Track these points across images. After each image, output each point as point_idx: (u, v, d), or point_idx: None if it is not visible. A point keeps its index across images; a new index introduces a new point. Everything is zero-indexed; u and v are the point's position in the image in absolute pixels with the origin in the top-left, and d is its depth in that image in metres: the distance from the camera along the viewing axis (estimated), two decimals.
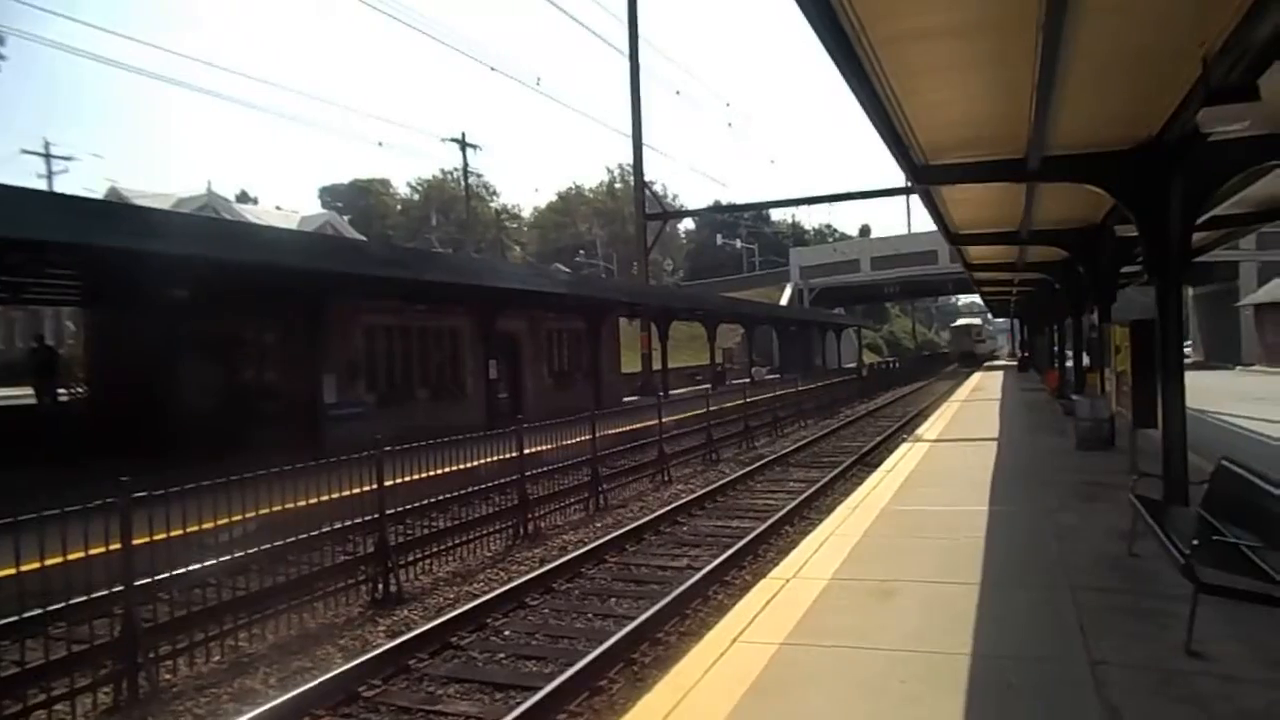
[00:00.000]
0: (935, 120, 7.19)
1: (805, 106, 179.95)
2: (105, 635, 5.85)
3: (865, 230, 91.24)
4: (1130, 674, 4.09)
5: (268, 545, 7.05)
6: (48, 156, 41.89)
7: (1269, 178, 9.08)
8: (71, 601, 5.67)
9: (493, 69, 55.71)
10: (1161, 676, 4.06)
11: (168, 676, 5.95)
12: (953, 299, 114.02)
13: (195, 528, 6.32)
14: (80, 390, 20.18)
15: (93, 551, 5.64)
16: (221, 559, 6.62)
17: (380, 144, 74.41)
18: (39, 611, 5.65)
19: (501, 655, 6.26)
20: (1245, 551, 4.65)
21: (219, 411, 14.56)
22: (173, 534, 6.14)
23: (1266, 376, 29.99)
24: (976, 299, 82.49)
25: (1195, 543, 4.52)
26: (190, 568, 6.39)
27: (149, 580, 5.98)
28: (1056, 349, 24.60)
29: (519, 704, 5.07)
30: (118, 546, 5.73)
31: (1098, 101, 6.52)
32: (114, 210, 13.56)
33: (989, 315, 70.79)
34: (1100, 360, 14.21)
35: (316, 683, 5.45)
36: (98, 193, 44.26)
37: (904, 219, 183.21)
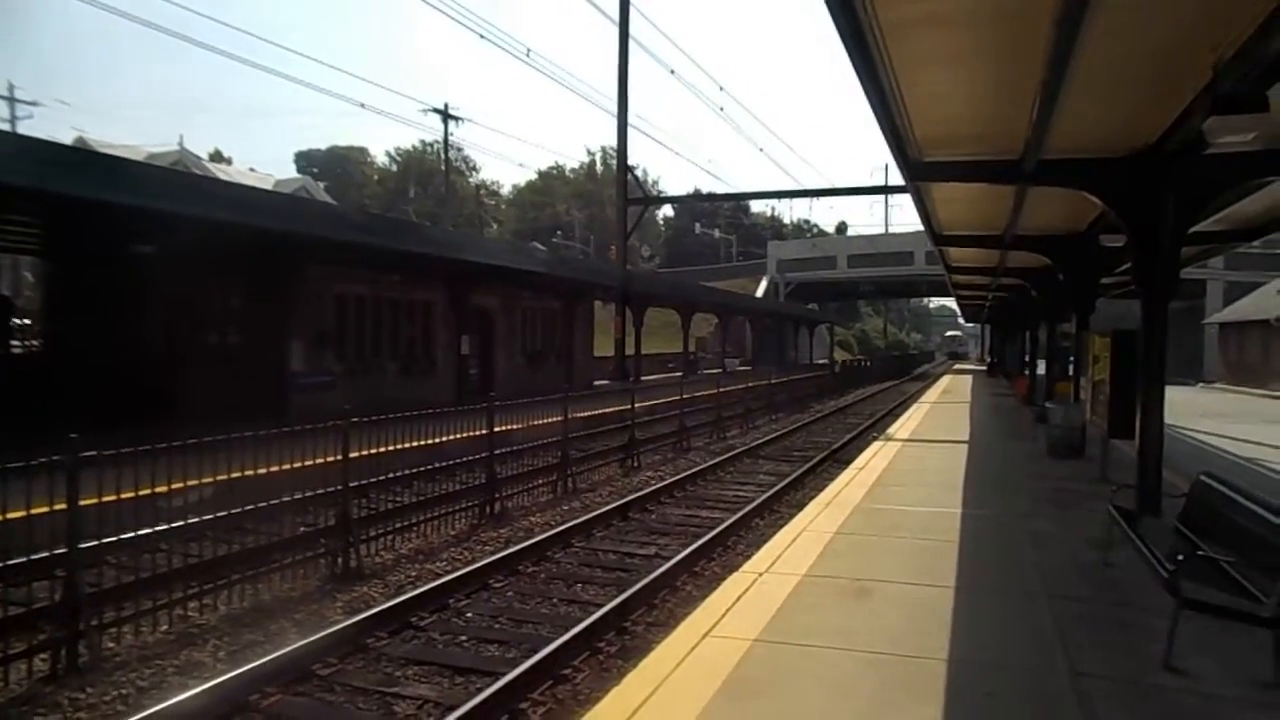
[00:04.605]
0: (934, 114, 7.05)
1: (796, 99, 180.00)
2: (45, 599, 5.57)
3: (842, 227, 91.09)
4: (1111, 688, 4.01)
5: (223, 513, 6.79)
6: (11, 100, 40.55)
7: (1253, 196, 9.11)
8: (9, 562, 5.37)
9: (482, 36, 54.77)
10: (1142, 692, 3.98)
11: (111, 645, 5.67)
12: (925, 301, 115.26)
13: (147, 491, 6.03)
14: (35, 344, 19.51)
15: (35, 511, 5.35)
16: (174, 524, 6.34)
17: (363, 105, 72.45)
18: None
19: (463, 638, 6.06)
20: (1226, 568, 4.61)
21: (179, 373, 14.10)
22: (123, 496, 5.85)
23: (1228, 394, 30.54)
24: (949, 302, 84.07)
25: (1180, 558, 4.45)
26: (140, 532, 6.10)
27: (95, 543, 5.70)
28: (1028, 356, 24.75)
29: (480, 690, 4.89)
30: (63, 507, 5.43)
31: (1101, 104, 6.41)
32: (79, 157, 12.97)
33: (961, 321, 74.80)
34: (1074, 368, 14.31)
35: (268, 658, 5.22)
36: (64, 142, 42.90)
37: (878, 218, 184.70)
